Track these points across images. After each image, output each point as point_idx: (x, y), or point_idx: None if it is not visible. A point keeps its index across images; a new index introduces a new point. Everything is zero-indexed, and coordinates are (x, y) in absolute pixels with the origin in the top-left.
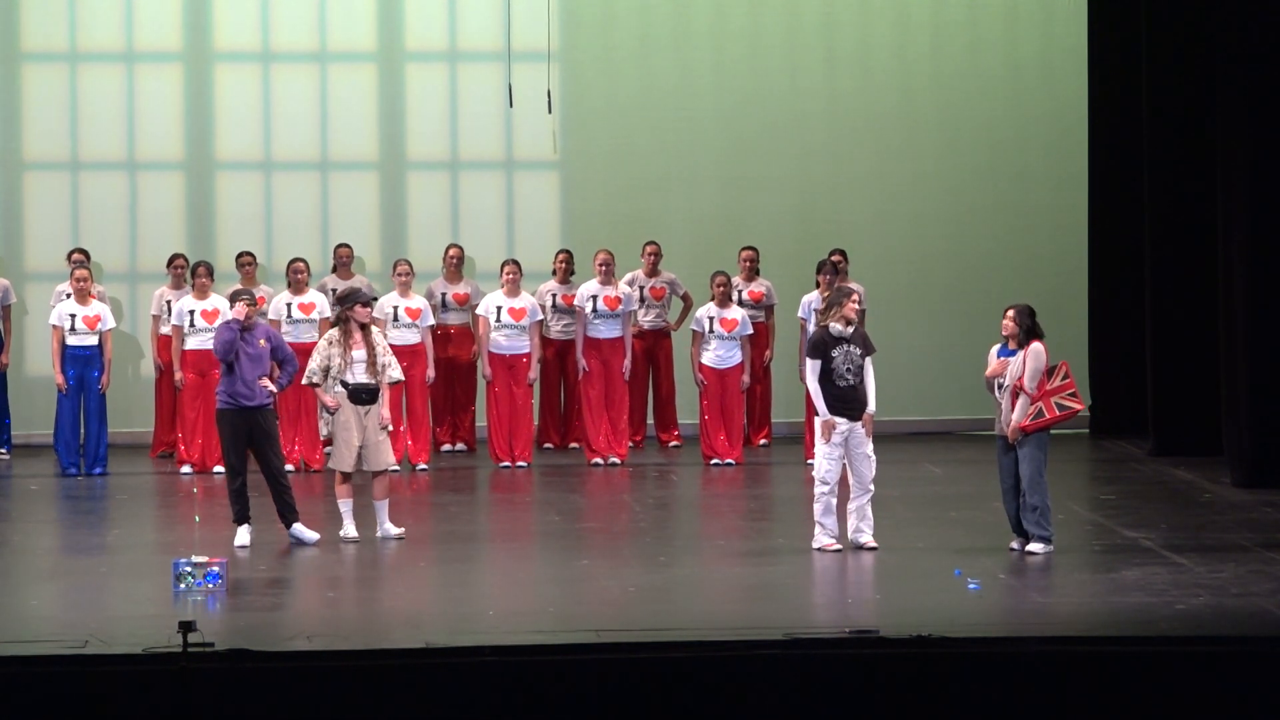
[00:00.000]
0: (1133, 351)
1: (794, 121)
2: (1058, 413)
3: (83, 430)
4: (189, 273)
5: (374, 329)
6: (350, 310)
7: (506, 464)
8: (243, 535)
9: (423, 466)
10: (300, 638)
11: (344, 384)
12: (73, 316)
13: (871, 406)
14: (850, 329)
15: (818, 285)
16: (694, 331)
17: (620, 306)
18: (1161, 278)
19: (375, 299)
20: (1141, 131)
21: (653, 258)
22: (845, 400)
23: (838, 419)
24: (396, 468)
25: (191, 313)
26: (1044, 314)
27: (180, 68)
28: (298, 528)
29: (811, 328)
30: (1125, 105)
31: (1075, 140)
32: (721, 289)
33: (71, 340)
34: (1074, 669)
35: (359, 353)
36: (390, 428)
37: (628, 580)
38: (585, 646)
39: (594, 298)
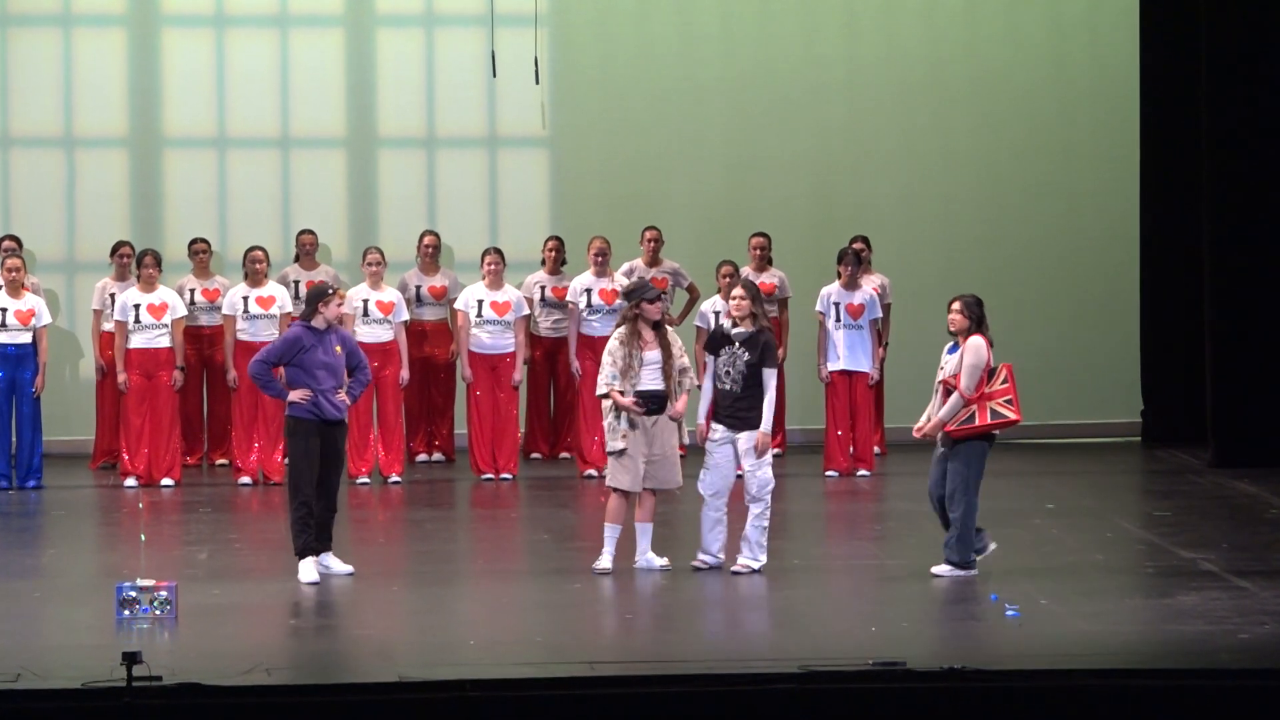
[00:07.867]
0: (1190, 351)
1: (810, 94)
2: (990, 420)
3: (14, 439)
4: (134, 262)
5: (668, 328)
6: (638, 307)
7: (489, 476)
8: (309, 569)
9: (396, 479)
10: (258, 670)
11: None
12: (3, 311)
13: (763, 426)
14: (744, 329)
15: (839, 276)
16: (698, 328)
17: (617, 301)
18: (1222, 269)
19: (664, 294)
20: (1200, 104)
21: (653, 245)
22: (723, 406)
23: (714, 424)
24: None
25: (137, 307)
26: (1090, 309)
27: (123, 32)
28: (332, 558)
29: (830, 324)
30: (1182, 75)
31: (1126, 114)
32: (728, 280)
33: (2, 338)
34: (1125, 704)
35: (651, 354)
36: (686, 441)
37: (625, 607)
38: (577, 680)
39: (588, 291)
